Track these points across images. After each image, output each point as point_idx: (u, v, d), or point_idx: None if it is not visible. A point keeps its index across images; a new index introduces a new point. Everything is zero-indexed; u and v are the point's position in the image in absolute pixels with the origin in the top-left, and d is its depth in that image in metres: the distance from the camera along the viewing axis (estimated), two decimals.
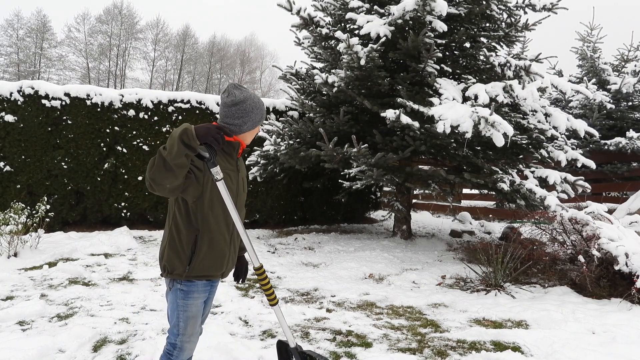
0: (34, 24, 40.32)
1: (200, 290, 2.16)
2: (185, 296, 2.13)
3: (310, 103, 7.39)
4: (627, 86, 10.55)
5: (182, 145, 1.85)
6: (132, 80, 44.39)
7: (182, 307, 2.13)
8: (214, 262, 2.14)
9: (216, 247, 2.13)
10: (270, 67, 42.52)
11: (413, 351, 3.33)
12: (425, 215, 10.70)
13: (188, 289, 2.13)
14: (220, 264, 2.17)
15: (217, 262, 2.15)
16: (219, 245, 2.13)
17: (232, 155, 2.19)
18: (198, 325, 2.21)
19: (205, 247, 2.11)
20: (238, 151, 2.22)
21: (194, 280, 2.13)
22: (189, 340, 2.17)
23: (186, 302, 2.13)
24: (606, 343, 3.44)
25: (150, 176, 1.92)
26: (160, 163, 1.88)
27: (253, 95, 2.18)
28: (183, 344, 2.16)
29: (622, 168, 10.04)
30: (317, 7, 7.62)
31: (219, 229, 2.12)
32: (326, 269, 5.68)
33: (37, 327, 3.58)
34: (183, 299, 2.13)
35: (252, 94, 2.17)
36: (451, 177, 6.10)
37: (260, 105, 2.19)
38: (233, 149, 2.19)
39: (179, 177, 1.92)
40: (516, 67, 6.52)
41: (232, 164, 2.19)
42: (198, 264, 2.11)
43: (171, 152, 1.85)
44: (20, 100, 7.23)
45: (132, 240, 6.64)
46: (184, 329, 2.14)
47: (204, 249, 2.11)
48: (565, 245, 5.13)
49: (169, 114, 7.95)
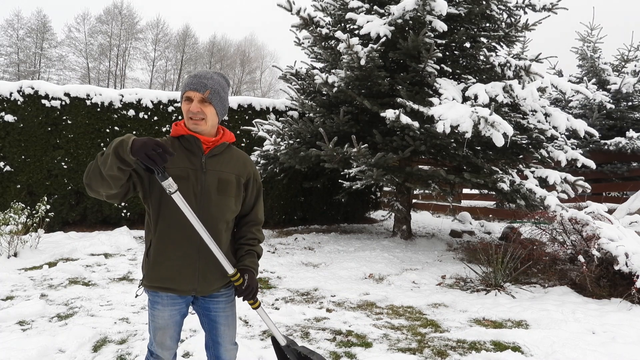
0: (34, 24, 40.33)
1: (166, 303, 1.98)
2: (152, 306, 2.02)
3: (310, 103, 7.39)
4: (627, 86, 10.55)
5: (116, 158, 1.65)
6: (132, 80, 44.40)
7: (150, 316, 2.04)
8: (171, 274, 1.91)
9: (172, 257, 1.91)
10: (270, 67, 42.50)
11: (413, 351, 3.33)
12: (425, 215, 10.69)
13: (153, 298, 2.01)
14: (182, 278, 1.92)
15: (174, 276, 1.91)
16: (174, 254, 1.90)
17: (192, 152, 1.94)
18: (169, 338, 2.05)
19: (157, 254, 1.91)
20: (199, 146, 1.94)
21: (157, 290, 1.97)
22: (161, 351, 2.07)
23: (152, 312, 2.02)
24: (606, 343, 3.44)
25: (86, 182, 1.78)
26: (96, 170, 1.72)
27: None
28: (157, 352, 2.09)
29: (622, 168, 10.04)
30: (317, 7, 7.62)
31: (174, 236, 1.89)
32: (326, 269, 5.67)
33: (37, 327, 3.58)
34: (150, 308, 2.03)
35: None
36: (451, 177, 6.10)
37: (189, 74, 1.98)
38: (190, 144, 1.94)
39: (114, 188, 1.75)
40: (516, 67, 6.52)
41: (195, 161, 1.93)
42: (151, 273, 1.94)
43: (105, 163, 1.68)
44: (20, 100, 7.23)
45: (132, 240, 6.64)
46: (153, 338, 2.06)
47: (157, 257, 1.92)
48: (565, 245, 5.13)
49: (168, 114, 7.95)
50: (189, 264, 1.92)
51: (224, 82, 2.00)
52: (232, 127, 8.15)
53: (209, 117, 1.92)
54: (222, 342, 2.10)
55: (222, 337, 2.09)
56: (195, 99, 1.89)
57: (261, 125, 7.71)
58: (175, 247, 1.90)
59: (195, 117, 1.90)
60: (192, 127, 1.92)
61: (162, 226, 1.91)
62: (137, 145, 1.64)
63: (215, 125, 1.98)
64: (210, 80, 1.91)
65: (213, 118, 1.94)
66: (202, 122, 1.91)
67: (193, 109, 1.88)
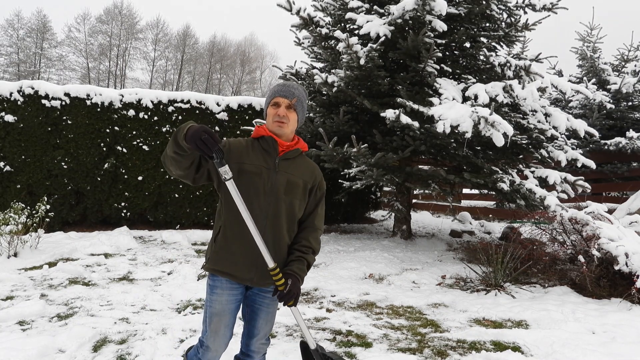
0: (34, 24, 40.36)
1: (225, 287, 2.10)
2: (211, 290, 2.13)
3: (310, 103, 7.39)
4: (627, 86, 10.55)
5: (173, 142, 1.86)
6: (132, 80, 44.43)
7: (208, 302, 2.14)
8: (231, 260, 2.07)
9: (234, 244, 2.07)
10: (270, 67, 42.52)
11: (413, 351, 3.33)
12: (425, 215, 10.69)
13: (213, 283, 2.13)
14: (242, 266, 2.07)
15: (237, 262, 2.06)
16: (238, 242, 2.06)
17: (268, 152, 2.12)
18: (224, 326, 2.13)
19: (223, 240, 2.08)
20: (275, 147, 2.12)
21: (218, 275, 2.10)
22: (213, 340, 2.14)
23: (211, 297, 2.13)
24: (606, 343, 3.44)
25: (162, 156, 2.00)
26: (169, 145, 1.93)
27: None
28: (208, 342, 2.15)
29: (622, 168, 10.04)
30: (317, 7, 7.62)
31: (240, 226, 2.02)
32: (326, 269, 5.68)
33: (37, 327, 3.58)
34: (209, 293, 2.14)
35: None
36: (451, 177, 6.10)
37: (277, 83, 2.23)
38: (268, 145, 2.13)
39: (180, 168, 1.94)
40: (516, 67, 6.51)
41: (269, 161, 2.10)
42: (214, 256, 2.10)
43: (169, 144, 1.89)
44: (20, 100, 7.23)
45: (132, 240, 6.64)
46: (208, 325, 2.14)
47: (222, 242, 2.09)
48: (565, 245, 5.13)
49: (169, 114, 7.95)
50: (250, 254, 2.05)
51: (306, 94, 2.25)
52: (232, 127, 8.15)
53: (291, 122, 2.14)
54: (256, 334, 2.21)
55: (258, 330, 2.20)
56: (283, 104, 2.12)
57: (261, 125, 7.70)
58: (240, 236, 2.05)
59: (281, 120, 2.11)
60: (276, 129, 2.12)
61: (231, 215, 2.06)
62: (190, 133, 1.79)
63: (294, 131, 2.20)
64: (297, 90, 2.17)
65: (294, 124, 2.16)
66: (285, 125, 2.12)
67: (280, 112, 2.10)
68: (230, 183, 1.93)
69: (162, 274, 5.24)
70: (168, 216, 7.90)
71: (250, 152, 2.11)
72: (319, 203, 2.25)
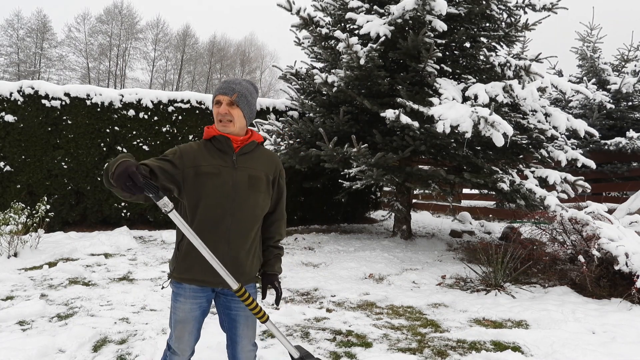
0: (34, 24, 40.36)
1: (188, 295, 2.05)
2: (175, 298, 2.09)
3: (310, 103, 7.39)
4: (627, 86, 10.54)
5: (106, 180, 1.81)
6: (132, 80, 44.42)
7: (172, 309, 2.11)
8: (200, 265, 1.96)
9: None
10: (270, 67, 42.52)
11: (413, 351, 3.33)
12: (425, 215, 10.69)
13: (177, 290, 2.08)
14: (213, 270, 1.95)
15: (207, 266, 1.94)
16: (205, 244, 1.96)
17: (223, 151, 2.05)
18: (188, 332, 2.10)
19: (189, 246, 1.98)
20: (229, 145, 2.05)
21: (182, 282, 2.05)
22: (178, 345, 2.12)
23: (175, 304, 2.09)
24: (606, 343, 3.44)
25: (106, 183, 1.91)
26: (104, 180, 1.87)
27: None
28: (174, 346, 2.14)
29: (622, 168, 10.03)
30: (317, 7, 7.62)
31: (206, 230, 1.97)
32: (326, 269, 5.68)
33: (37, 327, 3.58)
34: (173, 300, 2.10)
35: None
36: (451, 177, 6.10)
37: (223, 80, 2.14)
38: (221, 144, 2.06)
39: (129, 197, 1.85)
40: (516, 67, 6.51)
41: (227, 159, 2.04)
42: (180, 264, 2.04)
43: (105, 179, 1.84)
44: (20, 100, 7.23)
45: (132, 240, 6.64)
46: (173, 330, 2.12)
47: (187, 248, 2.00)
48: (565, 245, 5.13)
49: (169, 114, 7.95)
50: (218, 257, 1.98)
51: (252, 88, 2.14)
52: None
53: (237, 119, 2.05)
54: (240, 342, 2.14)
55: (241, 337, 2.13)
56: (224, 102, 2.03)
57: (261, 125, 7.71)
58: (206, 240, 1.95)
59: (224, 118, 2.03)
60: (221, 128, 2.06)
61: (196, 219, 2.00)
62: (116, 174, 1.69)
63: (243, 128, 2.10)
64: (238, 86, 2.06)
65: (240, 120, 2.07)
66: (230, 124, 2.04)
67: (222, 110, 2.03)
68: (173, 214, 1.83)
69: (162, 274, 5.24)
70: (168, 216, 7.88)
71: (205, 153, 2.03)
72: (284, 190, 2.26)
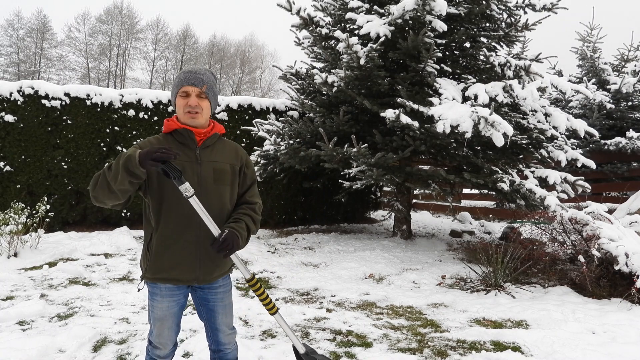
0: (34, 24, 40.34)
1: (164, 294, 2.05)
2: (151, 297, 2.09)
3: (310, 103, 7.38)
4: (627, 86, 10.54)
5: (126, 173, 1.78)
6: (132, 80, 44.40)
7: (150, 308, 2.11)
8: (171, 263, 1.98)
9: (173, 247, 1.98)
10: (270, 67, 42.52)
11: (413, 351, 3.33)
12: (425, 215, 10.69)
13: (153, 290, 2.08)
14: (185, 266, 1.99)
15: (179, 263, 1.98)
16: (176, 245, 1.97)
17: (186, 145, 2.02)
18: (167, 328, 2.11)
19: (159, 246, 1.98)
20: (192, 138, 2.02)
21: (157, 282, 2.04)
22: (158, 340, 2.14)
23: (152, 303, 2.09)
24: (606, 343, 3.43)
25: (93, 194, 1.89)
26: (104, 185, 1.84)
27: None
28: (155, 341, 2.15)
29: (622, 168, 10.03)
30: (317, 7, 7.62)
31: (174, 227, 1.96)
32: (326, 269, 5.68)
33: (37, 327, 3.58)
34: (149, 299, 2.10)
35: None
36: (451, 177, 6.10)
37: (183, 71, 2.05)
38: (184, 137, 2.02)
39: (122, 199, 1.89)
40: (516, 67, 6.51)
41: (189, 154, 2.01)
42: (152, 265, 2.01)
43: (115, 178, 1.80)
44: (20, 100, 7.23)
45: (132, 240, 6.64)
46: (152, 326, 2.14)
47: (158, 248, 1.98)
48: (565, 245, 5.13)
49: (169, 114, 7.94)
50: (189, 253, 1.99)
51: (215, 78, 2.13)
52: (232, 127, 8.16)
53: (205, 111, 2.03)
54: (221, 328, 2.19)
55: (220, 325, 2.19)
56: (193, 93, 1.99)
57: (261, 125, 7.71)
58: (176, 237, 1.97)
59: (193, 110, 1.99)
60: (189, 121, 2.01)
61: (163, 218, 1.98)
62: (142, 156, 1.77)
63: (208, 119, 2.09)
64: (206, 76, 2.03)
65: (207, 112, 2.05)
66: (199, 115, 2.01)
67: (192, 102, 1.98)
68: (193, 199, 1.87)
69: None
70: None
71: None
72: (253, 179, 2.19)
